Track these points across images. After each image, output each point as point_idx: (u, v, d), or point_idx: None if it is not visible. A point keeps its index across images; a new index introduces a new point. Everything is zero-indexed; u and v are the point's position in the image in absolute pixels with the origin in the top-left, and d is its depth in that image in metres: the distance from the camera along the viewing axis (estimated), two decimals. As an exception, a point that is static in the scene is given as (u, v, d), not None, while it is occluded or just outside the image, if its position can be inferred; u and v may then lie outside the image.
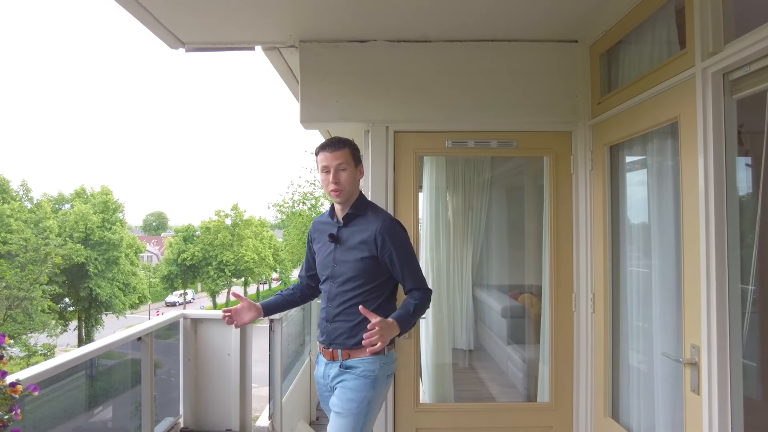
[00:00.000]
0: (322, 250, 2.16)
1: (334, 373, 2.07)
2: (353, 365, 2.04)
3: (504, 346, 3.68)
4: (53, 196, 29.75)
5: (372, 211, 2.15)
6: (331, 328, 2.09)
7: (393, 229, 2.07)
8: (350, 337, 2.04)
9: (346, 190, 2.07)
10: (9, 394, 1.14)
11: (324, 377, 2.13)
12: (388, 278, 2.11)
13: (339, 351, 2.06)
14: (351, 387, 2.02)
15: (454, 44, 2.73)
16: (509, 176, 3.82)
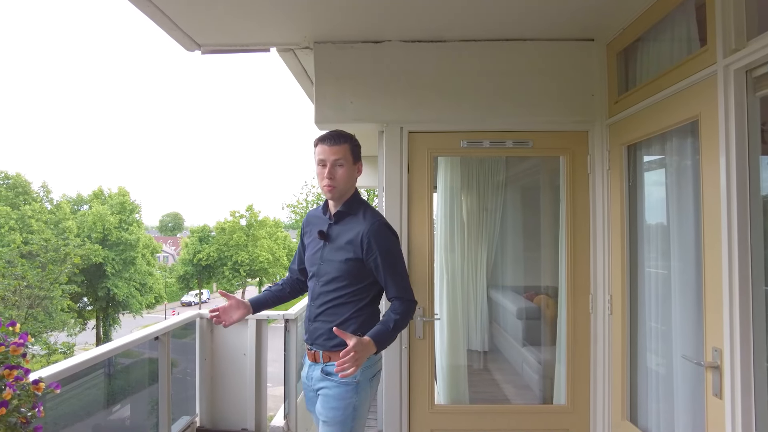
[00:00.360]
0: (312, 246, 2.10)
1: (317, 377, 2.02)
2: (333, 371, 1.89)
3: (519, 347, 3.65)
4: (72, 198, 30.28)
5: (363, 211, 2.05)
6: (312, 327, 2.03)
7: (380, 233, 1.98)
8: (329, 338, 1.97)
9: (340, 187, 2.00)
10: (32, 391, 1.16)
11: (308, 379, 2.07)
12: (373, 281, 2.02)
13: (320, 353, 2.00)
14: (333, 395, 1.96)
15: (469, 44, 2.72)
16: (524, 176, 3.78)
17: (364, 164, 5.84)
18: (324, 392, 1.98)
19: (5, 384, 1.12)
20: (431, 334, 2.76)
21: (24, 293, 17.66)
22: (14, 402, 1.11)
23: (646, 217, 2.49)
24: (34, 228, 24.02)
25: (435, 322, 2.80)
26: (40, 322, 18.45)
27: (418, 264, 2.74)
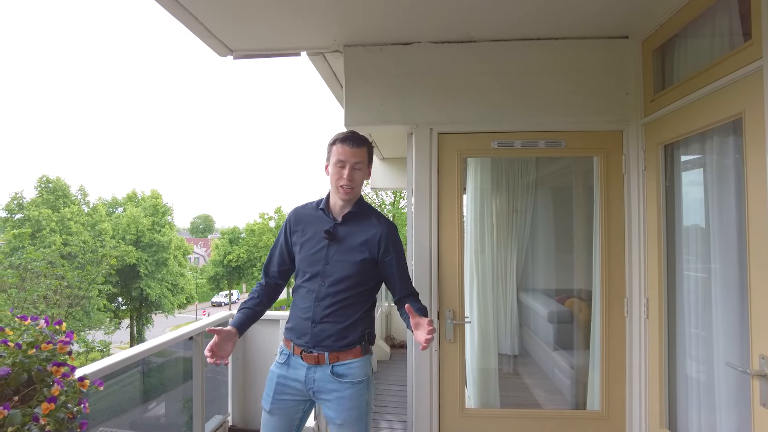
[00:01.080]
0: (310, 245, 2.04)
1: (322, 378, 1.96)
2: (345, 372, 1.96)
3: (550, 351, 3.58)
4: (107, 200, 31.09)
5: (374, 213, 2.11)
6: (317, 329, 1.97)
7: (396, 235, 2.08)
8: (339, 339, 1.96)
9: (357, 190, 2.03)
10: (78, 388, 1.20)
11: (306, 382, 1.99)
12: (376, 284, 2.07)
13: (326, 354, 1.96)
14: (348, 396, 1.95)
15: (500, 44, 2.69)
16: (556, 177, 3.71)
17: (393, 165, 5.91)
18: (337, 395, 1.95)
19: (53, 380, 1.16)
20: (461, 337, 2.74)
21: (64, 293, 18.27)
22: (62, 398, 1.15)
23: (684, 219, 2.41)
24: (72, 230, 24.83)
25: (465, 325, 2.77)
26: (79, 320, 19.06)
27: (448, 266, 2.73)
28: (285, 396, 2.01)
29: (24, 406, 1.12)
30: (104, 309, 21.91)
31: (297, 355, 2.00)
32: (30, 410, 1.12)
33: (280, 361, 2.06)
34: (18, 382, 1.15)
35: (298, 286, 2.06)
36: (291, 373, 2.01)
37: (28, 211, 24.73)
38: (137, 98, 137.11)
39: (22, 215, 24.88)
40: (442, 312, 2.72)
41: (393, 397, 5.17)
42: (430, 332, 1.75)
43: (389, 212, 18.92)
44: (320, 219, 2.06)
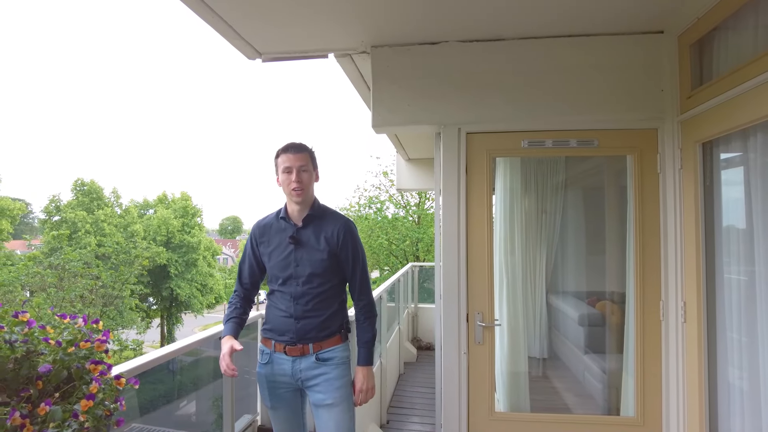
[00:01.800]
0: (278, 252, 2.21)
1: (308, 366, 2.15)
2: (329, 356, 2.16)
3: (581, 355, 3.51)
4: (139, 202, 31.86)
5: (330, 212, 2.28)
6: (300, 325, 2.15)
7: (353, 229, 2.25)
8: (321, 330, 2.16)
9: (307, 191, 2.17)
10: (115, 386, 1.22)
11: (293, 374, 2.16)
12: (344, 279, 2.25)
13: (310, 345, 2.15)
14: (335, 376, 2.16)
15: (529, 41, 2.65)
16: (586, 177, 3.64)
17: (419, 166, 5.87)
18: (324, 377, 2.15)
19: (92, 378, 1.18)
20: (491, 339, 2.70)
21: (99, 292, 18.85)
22: (99, 395, 1.17)
23: (724, 219, 2.32)
24: (106, 231, 25.57)
25: (495, 327, 2.73)
26: (112, 319, 19.62)
27: (477, 268, 2.69)
28: (280, 390, 2.21)
29: (64, 403, 1.15)
30: (136, 308, 22.46)
31: (279, 351, 2.18)
32: (70, 407, 1.15)
33: (263, 361, 2.24)
34: (58, 379, 1.18)
35: (274, 290, 2.23)
36: (276, 369, 2.19)
37: (64, 213, 25.59)
38: (169, 102, 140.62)
39: (59, 217, 25.75)
40: (471, 314, 2.69)
41: (420, 399, 5.14)
42: (363, 398, 2.21)
43: (414, 213, 18.85)
44: (282, 227, 2.23)
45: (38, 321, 1.27)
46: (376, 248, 18.06)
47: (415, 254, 18.20)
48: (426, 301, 7.86)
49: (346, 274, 2.24)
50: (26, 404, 1.09)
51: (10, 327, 1.17)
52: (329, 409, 2.13)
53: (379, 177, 19.18)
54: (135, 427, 2.24)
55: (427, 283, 8.24)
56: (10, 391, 1.12)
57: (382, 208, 18.82)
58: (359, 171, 68.26)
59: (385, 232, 17.94)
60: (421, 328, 7.38)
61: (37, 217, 34.52)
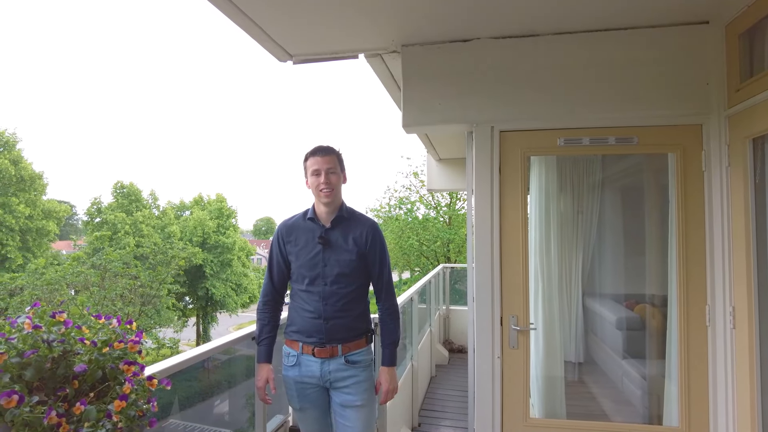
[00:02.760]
0: (305, 252, 2.23)
1: (337, 368, 2.18)
2: (358, 359, 2.21)
3: (619, 360, 3.39)
4: (176, 204, 32.68)
5: (357, 215, 2.32)
6: (329, 326, 2.17)
7: (380, 231, 2.30)
8: (349, 330, 2.20)
9: (336, 192, 2.21)
10: (147, 387, 1.23)
11: (322, 375, 2.18)
12: (368, 281, 2.29)
13: (339, 346, 2.18)
14: (364, 379, 2.21)
15: (564, 36, 2.57)
16: (624, 176, 3.51)
17: (450, 166, 5.81)
18: (354, 380, 2.19)
19: (125, 378, 1.20)
20: (526, 343, 2.63)
21: (138, 292, 19.44)
22: (132, 396, 1.18)
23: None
24: (144, 232, 26.34)
25: (530, 331, 2.65)
26: (150, 318, 20.18)
27: (511, 270, 2.62)
28: (308, 391, 2.23)
29: (99, 403, 1.16)
30: (173, 307, 23.04)
31: (307, 353, 2.20)
32: (104, 406, 1.16)
33: (290, 363, 2.26)
34: (93, 379, 1.20)
35: (299, 291, 2.25)
36: (304, 370, 2.21)
37: (105, 215, 26.50)
38: (205, 106, 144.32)
39: (100, 219, 26.69)
40: (505, 318, 2.62)
41: (452, 402, 5.08)
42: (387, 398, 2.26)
43: (445, 214, 18.70)
44: (310, 227, 2.27)
45: (86, 318, 1.30)
46: (406, 249, 18.01)
47: (446, 255, 18.06)
48: (458, 303, 7.77)
49: (373, 275, 2.28)
50: (62, 403, 1.11)
51: (48, 327, 1.20)
52: (358, 410, 2.17)
53: (410, 177, 19.13)
54: (172, 422, 2.27)
55: (459, 285, 8.15)
56: (48, 390, 1.14)
57: (412, 208, 18.75)
58: (389, 172, 68.52)
59: (415, 233, 17.88)
60: (453, 330, 7.30)
61: (80, 219, 35.90)
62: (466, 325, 7.21)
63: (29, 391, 1.10)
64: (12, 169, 22.90)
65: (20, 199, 23.43)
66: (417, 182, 18.84)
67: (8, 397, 1.03)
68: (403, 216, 18.61)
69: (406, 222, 18.29)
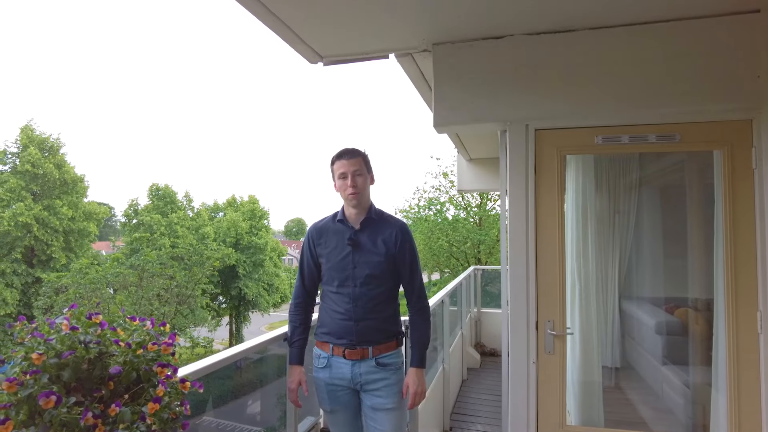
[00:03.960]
0: (335, 254, 2.24)
1: (368, 370, 2.17)
2: (388, 361, 2.20)
3: (658, 366, 3.26)
4: (210, 206, 33.39)
5: (386, 216, 2.32)
6: (359, 327, 2.17)
7: (410, 233, 2.29)
8: (380, 332, 2.19)
9: (363, 194, 2.22)
10: (180, 389, 1.23)
11: (353, 377, 2.17)
12: (398, 283, 2.27)
13: (370, 348, 2.17)
14: (395, 381, 2.20)
15: (601, 31, 2.47)
16: (664, 174, 3.39)
17: (481, 166, 5.71)
18: (385, 382, 2.18)
19: (158, 381, 1.20)
20: (562, 348, 2.54)
21: (174, 292, 19.95)
22: (165, 399, 1.18)
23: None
24: (179, 233, 26.98)
25: (566, 336, 2.57)
26: (185, 317, 20.67)
27: (547, 273, 2.54)
28: (339, 393, 2.22)
29: (133, 404, 1.17)
30: (207, 307, 23.52)
31: (338, 355, 2.20)
32: (138, 408, 1.16)
33: (320, 365, 2.26)
34: (128, 380, 1.21)
35: (329, 293, 2.26)
36: (335, 372, 2.21)
37: (142, 216, 27.29)
38: (237, 109, 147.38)
39: (137, 220, 27.50)
40: (541, 322, 2.55)
41: (484, 406, 5.00)
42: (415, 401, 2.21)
43: (476, 214, 18.48)
44: (340, 229, 2.27)
45: (120, 319, 1.31)
46: (436, 250, 17.89)
47: (477, 256, 17.85)
48: (489, 305, 7.66)
49: (403, 277, 2.26)
50: (98, 404, 1.12)
51: (85, 328, 1.21)
52: (389, 413, 2.16)
53: (439, 178, 18.97)
54: (206, 419, 2.30)
55: (490, 287, 8.03)
56: (85, 391, 1.15)
57: (442, 209, 18.59)
58: (418, 172, 68.35)
59: (445, 234, 17.72)
60: (485, 333, 7.19)
61: (118, 221, 37.09)
62: (497, 327, 7.11)
63: (66, 392, 1.12)
64: (56, 172, 23.83)
65: (63, 202, 24.36)
66: (446, 183, 18.68)
67: (47, 398, 1.04)
68: (433, 217, 18.46)
69: (436, 223, 18.14)
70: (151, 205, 28.27)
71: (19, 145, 23.68)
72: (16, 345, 1.17)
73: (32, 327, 1.19)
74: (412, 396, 2.23)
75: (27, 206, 22.68)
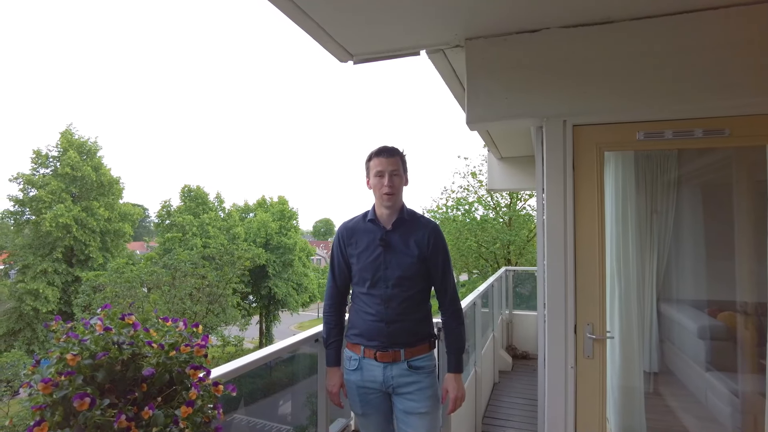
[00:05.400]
0: (366, 254, 2.19)
1: (400, 373, 2.12)
2: (421, 365, 2.15)
3: (702, 372, 3.12)
4: (240, 206, 34.04)
5: (418, 217, 2.27)
6: (391, 329, 2.13)
7: (442, 234, 2.24)
8: (412, 335, 2.15)
9: (398, 195, 2.18)
10: (213, 392, 1.21)
11: (385, 380, 2.13)
12: (429, 285, 2.23)
13: (402, 351, 2.12)
14: (428, 385, 2.15)
15: (643, 22, 2.36)
16: (707, 171, 3.23)
17: (512, 165, 5.59)
18: (418, 386, 2.13)
19: (191, 384, 1.18)
20: (602, 353, 2.44)
21: (205, 291, 20.38)
22: (198, 402, 1.16)
23: None
24: (211, 234, 27.58)
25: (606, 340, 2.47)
26: (217, 316, 21.08)
27: (587, 275, 2.44)
28: (370, 396, 2.18)
29: (166, 407, 1.15)
30: (238, 306, 23.92)
31: (369, 357, 2.16)
32: (171, 411, 1.14)
33: (352, 368, 2.22)
34: (161, 382, 1.19)
35: (360, 294, 2.22)
36: (366, 375, 2.17)
37: (174, 217, 27.98)
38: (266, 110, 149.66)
39: (170, 221, 28.21)
40: (580, 326, 2.45)
41: (517, 410, 4.88)
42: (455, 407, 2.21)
43: (505, 214, 18.20)
44: (371, 229, 2.22)
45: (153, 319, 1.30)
46: (464, 251, 17.68)
47: (507, 257, 17.56)
48: (520, 307, 7.52)
49: (435, 279, 2.22)
50: (132, 407, 1.10)
51: (118, 329, 1.20)
52: (422, 417, 2.12)
53: (467, 178, 18.76)
54: (236, 417, 2.29)
55: (520, 288, 7.88)
56: (118, 393, 1.14)
57: (470, 209, 18.37)
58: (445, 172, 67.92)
59: (473, 234, 17.50)
60: (517, 335, 7.05)
61: (152, 221, 38.12)
62: (529, 330, 6.97)
63: (100, 394, 1.11)
64: (93, 175, 24.68)
65: (100, 203, 25.22)
66: (475, 182, 18.45)
67: (81, 400, 1.03)
68: (461, 217, 18.26)
69: (464, 223, 17.93)
70: (183, 206, 28.95)
71: (60, 149, 24.62)
72: (52, 345, 1.17)
73: (67, 327, 1.18)
74: (452, 401, 2.20)
75: (67, 208, 23.58)
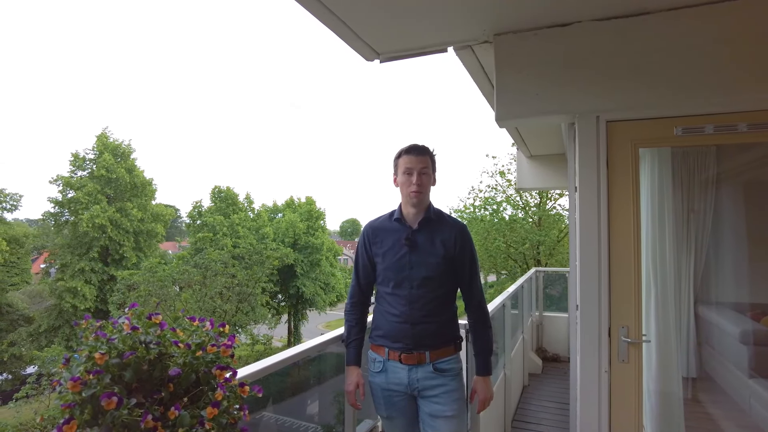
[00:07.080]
0: (391, 254, 2.15)
1: (425, 375, 2.08)
2: (447, 367, 2.10)
3: (744, 378, 2.99)
4: (269, 207, 34.47)
5: (445, 217, 2.22)
6: (416, 330, 2.08)
7: (469, 235, 2.20)
8: (438, 337, 2.10)
9: (425, 193, 2.14)
10: (239, 393, 1.21)
11: (410, 383, 2.10)
12: (455, 286, 2.19)
13: (427, 353, 2.08)
14: (454, 388, 2.10)
15: (679, 12, 2.26)
16: (748, 168, 3.09)
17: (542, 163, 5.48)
18: (444, 389, 2.08)
19: (217, 384, 1.17)
20: (638, 357, 2.35)
21: (235, 290, 20.72)
22: (224, 403, 1.15)
23: None
24: (240, 234, 28.03)
25: (642, 344, 2.38)
26: (246, 314, 21.41)
27: (622, 276, 2.35)
28: (395, 399, 2.15)
29: (192, 408, 1.15)
30: (266, 305, 24.25)
31: (394, 359, 2.12)
32: (197, 411, 1.14)
33: (376, 369, 2.19)
34: (187, 383, 1.19)
35: (385, 294, 2.18)
36: (391, 377, 2.13)
37: (205, 217, 28.55)
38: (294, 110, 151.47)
39: (200, 221, 28.79)
40: (614, 328, 2.36)
41: (547, 414, 4.78)
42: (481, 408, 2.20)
43: (534, 214, 17.88)
44: (396, 229, 2.19)
45: (188, 314, 1.30)
46: (492, 251, 17.43)
47: (536, 258, 17.25)
48: (550, 308, 7.36)
49: (462, 280, 2.18)
50: (158, 407, 1.10)
51: (145, 329, 1.21)
52: (448, 421, 2.07)
53: (495, 177, 18.49)
54: (265, 415, 2.29)
55: (550, 289, 7.72)
56: (145, 392, 1.14)
57: (498, 209, 18.10)
58: (472, 171, 67.19)
59: (502, 235, 17.25)
60: (547, 337, 6.91)
61: (183, 222, 38.99)
62: (560, 332, 6.82)
63: (128, 393, 1.11)
64: (127, 177, 25.42)
65: (134, 204, 25.97)
66: (503, 182, 18.18)
67: (108, 399, 1.04)
68: (489, 217, 18.02)
69: (492, 223, 17.69)
70: (214, 206, 29.50)
71: (96, 152, 25.45)
72: (81, 344, 1.18)
73: (96, 326, 1.19)
74: (481, 402, 2.17)
75: (102, 209, 24.36)
